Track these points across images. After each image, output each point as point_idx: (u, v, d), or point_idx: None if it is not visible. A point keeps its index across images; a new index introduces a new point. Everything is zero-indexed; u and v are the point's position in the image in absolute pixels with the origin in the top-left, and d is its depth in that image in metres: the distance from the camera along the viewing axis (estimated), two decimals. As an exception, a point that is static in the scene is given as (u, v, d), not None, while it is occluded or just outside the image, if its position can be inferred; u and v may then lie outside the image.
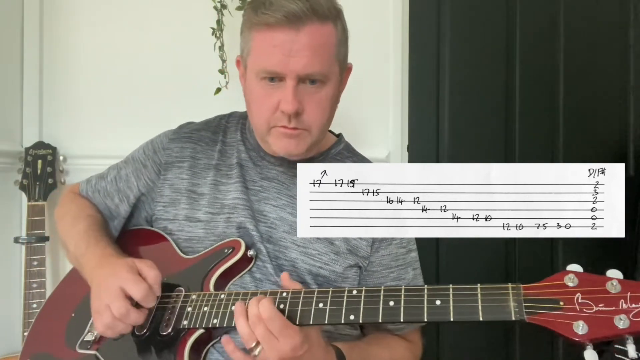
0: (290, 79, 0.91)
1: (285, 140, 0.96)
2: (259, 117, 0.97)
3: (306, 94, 0.94)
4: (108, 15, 1.68)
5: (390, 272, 1.04)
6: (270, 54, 0.91)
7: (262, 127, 0.97)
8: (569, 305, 0.68)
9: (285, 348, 0.79)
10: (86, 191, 1.16)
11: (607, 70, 1.70)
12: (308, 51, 0.91)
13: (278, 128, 0.95)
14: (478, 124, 1.70)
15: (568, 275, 0.71)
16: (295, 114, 0.92)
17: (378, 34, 1.63)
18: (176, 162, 1.08)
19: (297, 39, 0.90)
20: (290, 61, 0.90)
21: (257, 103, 0.96)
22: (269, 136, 0.97)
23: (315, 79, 0.94)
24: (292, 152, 0.97)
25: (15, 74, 1.65)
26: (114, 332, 0.89)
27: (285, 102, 0.92)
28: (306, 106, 0.94)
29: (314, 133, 0.97)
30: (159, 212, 1.07)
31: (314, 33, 0.91)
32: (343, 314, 0.80)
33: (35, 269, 1.52)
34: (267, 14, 0.89)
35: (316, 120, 0.96)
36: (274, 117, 0.94)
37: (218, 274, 0.95)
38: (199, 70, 1.62)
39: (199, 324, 0.88)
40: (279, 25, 0.90)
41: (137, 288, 0.88)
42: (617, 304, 0.66)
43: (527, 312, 0.70)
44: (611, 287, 0.68)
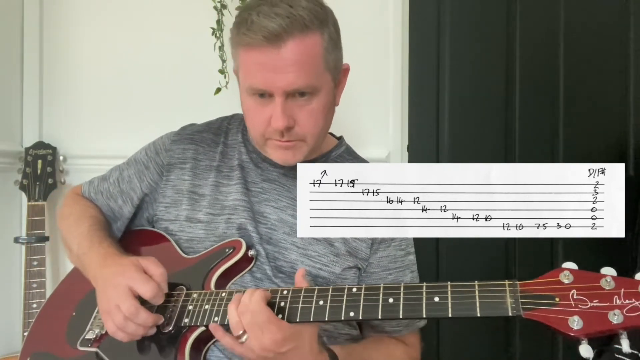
0: (278, 95, 0.91)
1: (281, 151, 0.96)
2: (253, 130, 0.98)
3: (296, 107, 0.93)
4: (108, 16, 1.68)
5: (389, 275, 1.04)
6: (256, 73, 0.91)
7: (258, 139, 0.98)
8: (565, 301, 0.70)
9: (266, 341, 0.80)
10: (89, 193, 1.16)
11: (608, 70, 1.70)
12: (293, 67, 0.90)
13: (273, 140, 0.96)
14: (478, 124, 1.70)
15: (563, 272, 0.72)
16: (287, 129, 0.92)
17: (378, 33, 1.63)
18: (178, 163, 1.08)
19: (279, 57, 0.89)
20: (275, 78, 0.90)
21: (250, 117, 0.97)
22: (266, 147, 0.98)
23: (305, 92, 0.93)
24: (289, 162, 0.97)
25: (15, 74, 1.65)
26: (125, 333, 0.88)
27: (275, 119, 0.91)
28: (298, 119, 0.93)
29: (310, 142, 0.97)
30: (160, 213, 1.08)
31: (296, 48, 0.90)
32: (343, 311, 0.80)
33: (35, 269, 1.52)
34: (247, 35, 0.89)
35: (309, 131, 0.95)
36: (268, 130, 0.95)
37: (219, 273, 0.95)
38: (199, 70, 1.62)
39: (200, 322, 0.89)
40: (260, 45, 0.89)
41: (146, 287, 0.88)
42: (611, 299, 0.68)
43: (524, 307, 0.71)
44: (605, 284, 0.69)
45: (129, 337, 0.89)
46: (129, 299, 0.87)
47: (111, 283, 0.90)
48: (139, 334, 0.89)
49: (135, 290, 0.88)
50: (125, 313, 0.86)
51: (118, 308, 0.87)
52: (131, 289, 0.88)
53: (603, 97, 1.69)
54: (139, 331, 0.88)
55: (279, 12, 0.88)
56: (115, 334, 0.89)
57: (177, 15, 1.66)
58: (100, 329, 0.97)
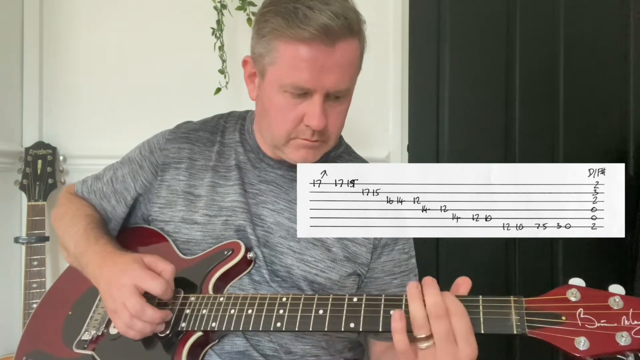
0: (319, 95, 0.90)
1: (304, 150, 0.95)
2: (279, 128, 0.94)
3: (329, 108, 0.93)
4: (108, 16, 1.68)
5: (394, 279, 1.03)
6: (301, 70, 0.88)
7: (281, 138, 0.95)
8: (571, 321, 0.68)
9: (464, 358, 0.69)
10: (82, 192, 1.14)
11: (608, 70, 1.70)
12: (339, 68, 0.89)
13: (299, 140, 0.94)
14: (478, 124, 1.70)
15: (570, 290, 0.70)
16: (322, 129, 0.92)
17: (378, 33, 1.63)
18: (173, 163, 1.06)
19: (331, 56, 0.87)
20: (321, 77, 0.88)
21: (278, 115, 0.94)
22: (286, 147, 0.96)
23: (340, 95, 0.93)
24: (309, 161, 0.96)
25: (15, 74, 1.65)
26: (135, 331, 0.87)
27: (313, 118, 0.90)
28: (329, 120, 0.93)
29: (331, 143, 0.98)
30: (155, 214, 1.06)
31: (345, 49, 0.89)
32: (343, 321, 0.78)
33: (35, 269, 1.52)
34: (303, 28, 0.85)
35: (334, 132, 0.96)
36: (297, 129, 0.93)
37: (217, 276, 0.94)
38: (199, 70, 1.62)
39: (197, 327, 0.88)
40: (313, 40, 0.86)
41: (155, 283, 0.86)
42: (619, 320, 0.66)
43: (529, 326, 0.69)
44: (613, 303, 0.67)
45: (139, 334, 0.87)
46: (134, 296, 0.85)
47: (116, 283, 0.88)
48: (147, 332, 0.87)
49: (142, 287, 0.87)
50: (131, 311, 0.85)
51: (124, 306, 0.86)
52: (137, 287, 0.86)
53: (603, 97, 1.70)
54: (147, 329, 0.86)
55: (335, 11, 0.86)
56: (126, 333, 0.87)
57: (177, 16, 1.66)
58: (96, 330, 0.97)
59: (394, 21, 1.66)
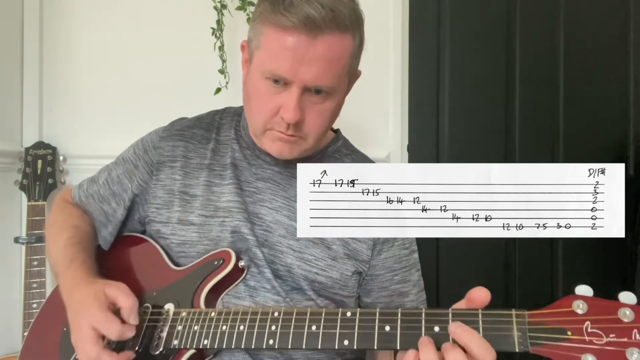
0: (297, 87, 0.87)
1: (279, 143, 0.93)
2: (257, 115, 0.93)
3: (309, 103, 0.90)
4: (108, 16, 1.68)
5: (395, 275, 1.02)
6: (281, 58, 0.85)
7: (258, 127, 0.93)
8: (577, 336, 0.64)
9: None
10: (79, 197, 1.12)
11: (608, 70, 1.70)
12: (321, 62, 0.86)
13: (274, 131, 0.92)
14: (478, 124, 1.70)
15: (576, 301, 0.66)
16: (296, 123, 0.89)
17: (378, 33, 1.63)
18: (168, 161, 1.04)
19: (312, 48, 0.84)
20: (300, 69, 0.85)
21: (257, 102, 0.92)
22: (263, 137, 0.94)
23: (322, 90, 0.89)
24: (285, 156, 0.94)
25: (15, 74, 1.65)
26: None
27: (287, 111, 0.88)
28: (307, 115, 0.90)
29: (310, 141, 0.94)
30: (152, 214, 1.03)
31: (330, 43, 0.85)
32: (337, 338, 0.76)
33: (35, 269, 1.52)
34: (285, 16, 0.83)
35: (314, 130, 0.93)
36: (273, 120, 0.91)
37: (208, 289, 0.91)
38: (199, 70, 1.62)
39: (189, 345, 0.86)
40: (295, 29, 0.83)
41: (110, 328, 0.84)
42: (630, 334, 0.61)
43: (532, 342, 0.66)
44: (624, 316, 0.63)
45: None
46: (90, 343, 0.84)
47: (75, 320, 0.87)
48: None
49: (99, 330, 0.84)
50: (89, 357, 0.84)
51: (83, 350, 0.85)
52: (95, 329, 0.84)
53: (603, 97, 1.70)
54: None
55: (323, 2, 0.83)
56: None
57: (177, 15, 1.66)
58: None
59: (394, 21, 1.66)
